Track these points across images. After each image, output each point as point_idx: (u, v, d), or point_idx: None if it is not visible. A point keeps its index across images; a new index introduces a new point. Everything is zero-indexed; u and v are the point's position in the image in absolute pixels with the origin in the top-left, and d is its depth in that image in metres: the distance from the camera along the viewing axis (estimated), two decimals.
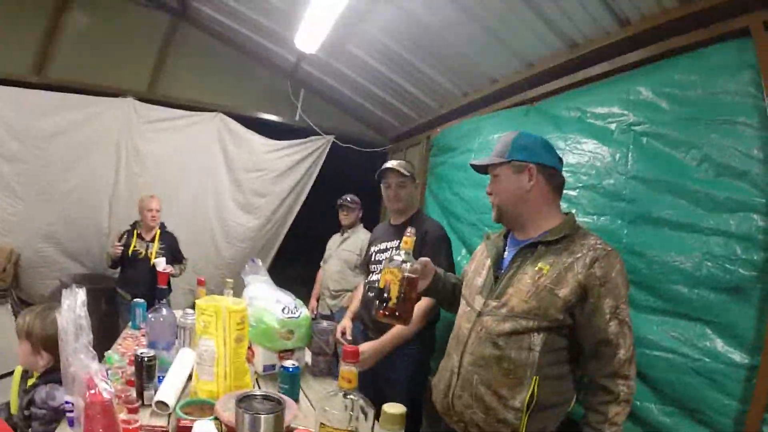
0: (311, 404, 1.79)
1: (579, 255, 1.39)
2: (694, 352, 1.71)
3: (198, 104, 4.75)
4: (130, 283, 3.83)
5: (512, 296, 1.44)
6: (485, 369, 1.45)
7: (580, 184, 2.29)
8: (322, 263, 4.18)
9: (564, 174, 1.60)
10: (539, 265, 1.44)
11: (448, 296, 1.77)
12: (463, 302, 1.65)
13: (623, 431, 1.35)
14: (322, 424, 1.14)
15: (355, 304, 2.64)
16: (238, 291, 2.34)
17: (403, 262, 1.48)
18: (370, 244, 2.62)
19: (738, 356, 1.59)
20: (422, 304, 2.18)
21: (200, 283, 2.69)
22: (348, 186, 4.14)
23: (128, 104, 4.44)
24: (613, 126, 2.20)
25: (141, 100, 4.50)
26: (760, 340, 1.54)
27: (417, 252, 2.30)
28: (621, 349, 1.34)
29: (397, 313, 1.46)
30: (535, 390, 1.38)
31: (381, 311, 1.48)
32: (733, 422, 1.57)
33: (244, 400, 1.23)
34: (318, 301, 4.13)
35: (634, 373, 1.36)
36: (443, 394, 1.57)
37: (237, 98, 4.91)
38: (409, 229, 1.53)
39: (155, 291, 2.19)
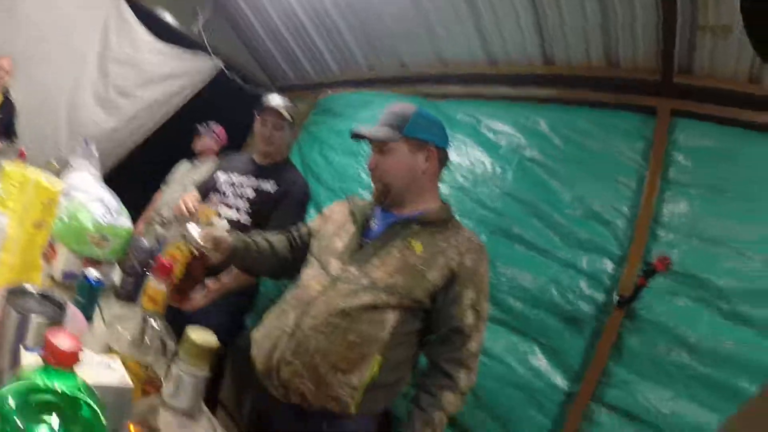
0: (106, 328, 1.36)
1: (453, 242, 1.26)
2: (519, 366, 1.67)
3: None
4: None
5: (378, 268, 1.23)
6: (327, 338, 1.19)
7: (455, 185, 2.18)
8: (162, 185, 3.50)
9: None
10: (411, 242, 1.26)
11: (266, 265, 1.46)
12: (315, 263, 1.35)
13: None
14: (110, 347, 0.84)
15: None
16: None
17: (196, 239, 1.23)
18: (218, 169, 2.20)
19: (560, 380, 1.59)
20: None
21: (21, 155, 2.04)
22: (217, 119, 3.59)
23: None
24: (503, 142, 2.14)
25: None
26: (583, 371, 1.54)
27: (274, 203, 1.99)
28: (473, 341, 1.22)
29: (177, 292, 1.24)
30: (376, 370, 1.19)
31: None
32: None
33: (16, 294, 0.89)
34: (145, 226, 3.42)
35: (477, 370, 1.23)
36: (266, 353, 1.25)
37: None
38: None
39: None
